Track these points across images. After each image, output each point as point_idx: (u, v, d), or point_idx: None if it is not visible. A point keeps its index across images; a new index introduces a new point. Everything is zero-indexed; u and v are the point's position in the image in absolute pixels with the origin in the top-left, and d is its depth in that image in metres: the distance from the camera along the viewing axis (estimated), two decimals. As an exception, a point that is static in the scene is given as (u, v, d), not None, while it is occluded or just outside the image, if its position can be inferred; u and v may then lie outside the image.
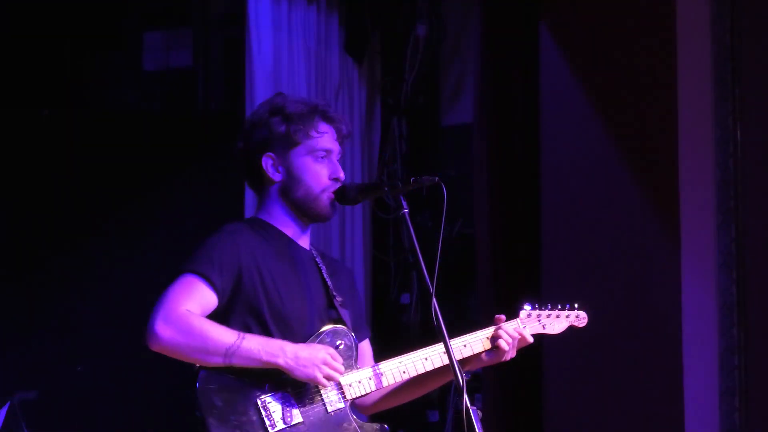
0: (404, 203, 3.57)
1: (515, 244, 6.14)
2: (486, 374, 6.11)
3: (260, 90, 6.34)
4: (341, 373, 3.56)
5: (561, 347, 6.04)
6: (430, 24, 6.86)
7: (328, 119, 3.74)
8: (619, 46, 5.89)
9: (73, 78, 6.55)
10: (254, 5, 6.35)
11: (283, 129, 3.67)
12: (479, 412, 3.43)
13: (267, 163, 3.69)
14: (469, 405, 3.38)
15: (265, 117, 3.71)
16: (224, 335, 3.45)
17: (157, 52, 6.86)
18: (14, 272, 6.07)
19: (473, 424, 3.37)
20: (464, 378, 3.44)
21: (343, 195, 3.71)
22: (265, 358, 3.46)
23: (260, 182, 3.72)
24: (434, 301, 3.45)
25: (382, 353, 5.07)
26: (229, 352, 3.44)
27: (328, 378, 3.53)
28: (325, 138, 3.72)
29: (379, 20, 6.90)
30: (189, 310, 3.46)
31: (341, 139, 3.76)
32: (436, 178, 3.60)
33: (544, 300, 6.11)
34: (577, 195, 6.04)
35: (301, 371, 3.48)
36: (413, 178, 3.61)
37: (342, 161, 3.77)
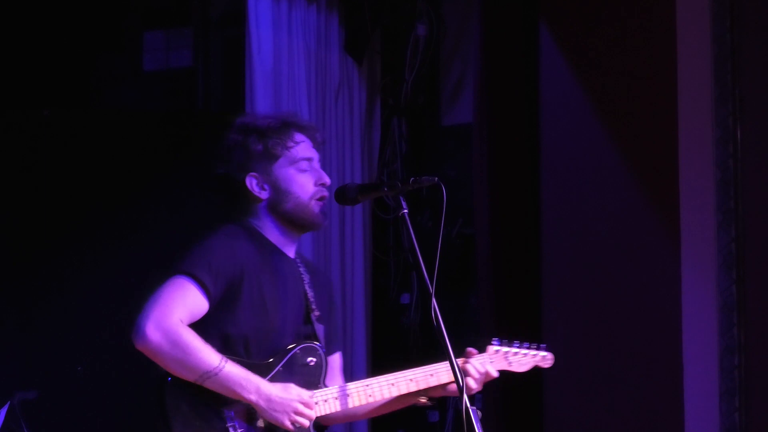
0: (404, 203, 3.59)
1: (515, 244, 6.14)
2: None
3: (260, 90, 6.34)
4: (311, 420, 3.59)
5: (561, 347, 6.03)
6: (430, 24, 6.86)
7: (301, 129, 3.78)
8: (619, 46, 5.88)
9: (73, 78, 6.54)
10: (254, 5, 6.35)
11: (260, 146, 3.71)
12: (479, 412, 3.43)
13: (252, 182, 3.73)
14: (469, 405, 3.39)
15: (240, 138, 3.74)
16: (207, 358, 3.47)
17: (157, 52, 6.86)
18: (14, 272, 6.06)
19: (473, 424, 3.37)
20: (464, 378, 3.44)
21: (343, 195, 3.73)
22: (239, 391, 3.50)
23: (247, 203, 3.74)
24: (434, 301, 3.46)
25: (381, 353, 5.09)
26: (205, 375, 3.47)
27: (296, 423, 3.55)
28: (303, 146, 3.76)
29: (379, 20, 6.90)
30: (181, 320, 3.49)
31: (317, 146, 3.80)
32: (436, 179, 3.62)
33: (544, 301, 6.12)
34: (576, 195, 6.03)
35: (271, 414, 3.52)
36: (413, 179, 3.63)
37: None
